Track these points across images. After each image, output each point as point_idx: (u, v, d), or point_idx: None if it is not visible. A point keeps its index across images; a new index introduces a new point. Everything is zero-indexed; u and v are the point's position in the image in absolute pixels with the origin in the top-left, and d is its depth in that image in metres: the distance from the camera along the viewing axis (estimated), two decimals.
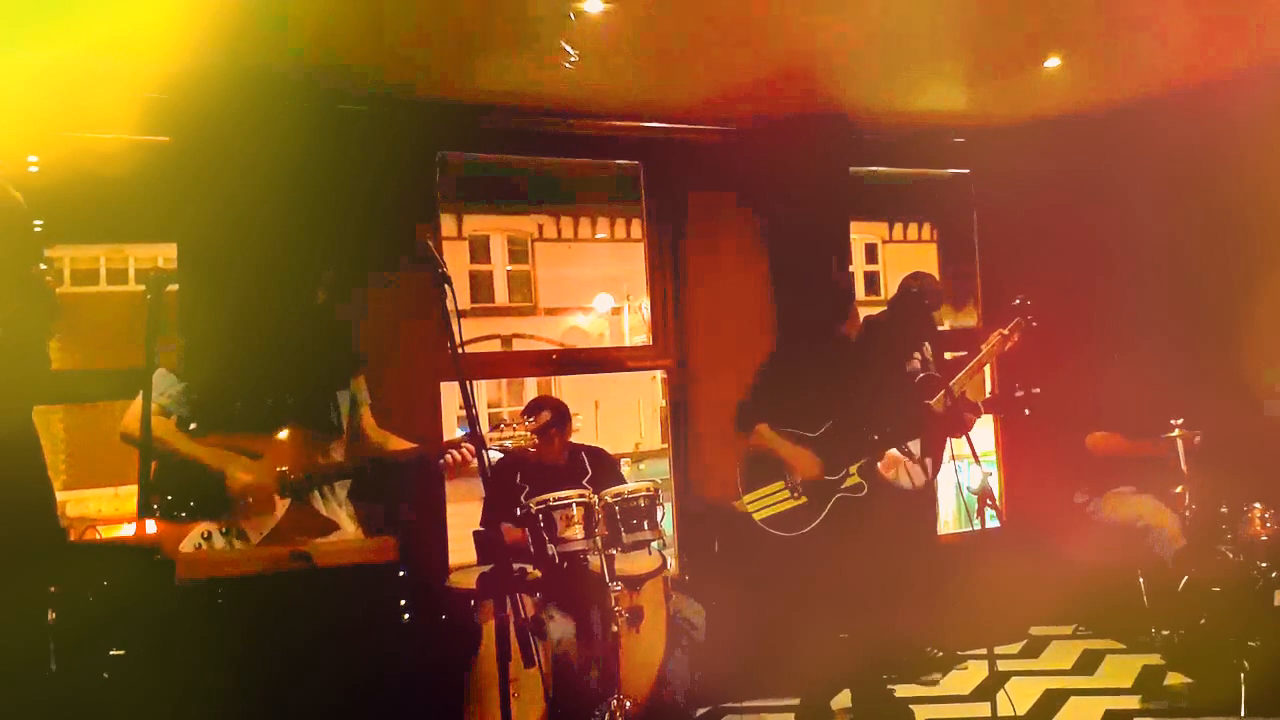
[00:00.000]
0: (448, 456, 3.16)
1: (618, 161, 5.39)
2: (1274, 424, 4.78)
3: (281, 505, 3.06)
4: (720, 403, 5.18)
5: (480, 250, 21.81)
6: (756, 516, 4.16)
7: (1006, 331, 4.55)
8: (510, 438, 3.23)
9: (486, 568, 3.82)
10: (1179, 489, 4.72)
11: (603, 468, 4.43)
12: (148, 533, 2.93)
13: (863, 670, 4.20)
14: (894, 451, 4.41)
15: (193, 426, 3.11)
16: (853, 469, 4.13)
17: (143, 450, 2.66)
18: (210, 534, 3.01)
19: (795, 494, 4.13)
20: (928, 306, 4.67)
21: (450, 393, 4.18)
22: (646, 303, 5.46)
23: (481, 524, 4.21)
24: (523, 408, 4.48)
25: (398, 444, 3.43)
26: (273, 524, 3.05)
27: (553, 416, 4.31)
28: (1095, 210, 5.60)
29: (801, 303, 5.11)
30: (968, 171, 6.08)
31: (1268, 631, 3.84)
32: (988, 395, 5.61)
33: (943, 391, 4.26)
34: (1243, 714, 3.81)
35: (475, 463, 2.94)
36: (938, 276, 5.50)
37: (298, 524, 3.08)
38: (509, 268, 22.30)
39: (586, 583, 3.78)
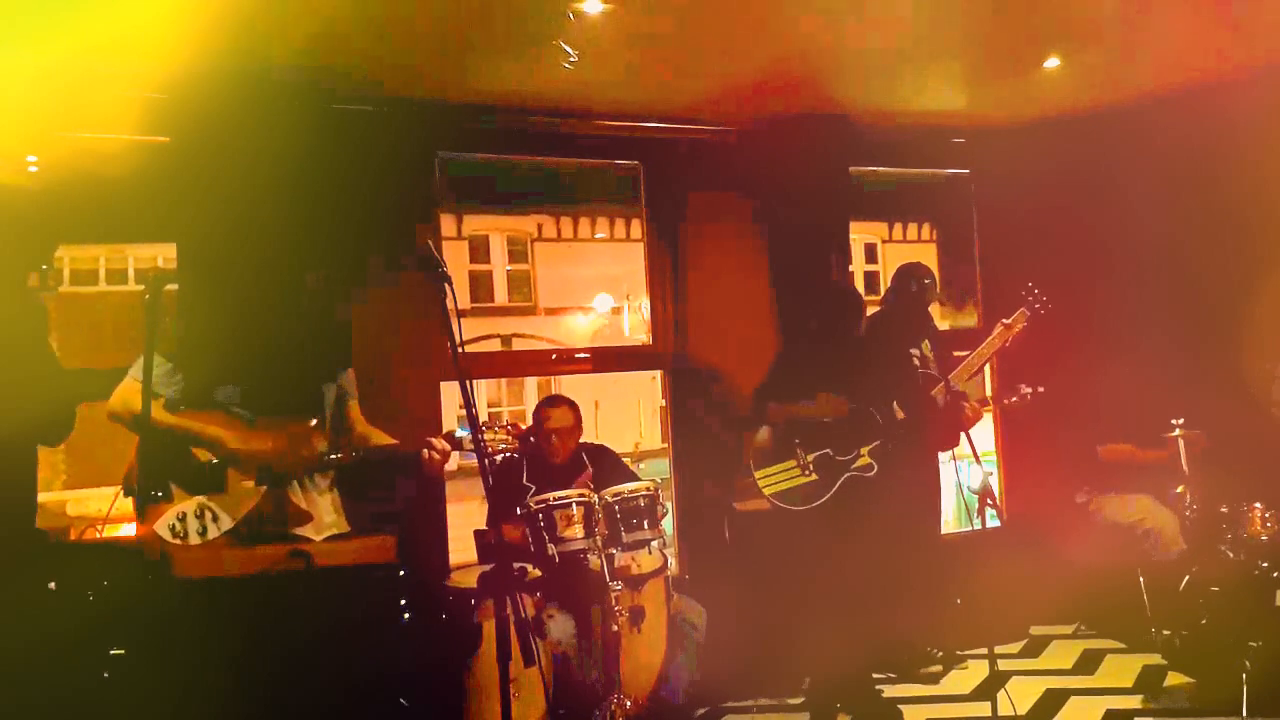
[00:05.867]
0: (424, 453, 3.17)
1: (617, 162, 5.39)
2: (1274, 424, 4.77)
3: (257, 492, 3.06)
4: (721, 401, 5.19)
5: (480, 250, 21.80)
6: (767, 491, 4.33)
7: (1009, 321, 4.57)
8: (490, 441, 3.24)
9: (486, 567, 3.83)
10: (1179, 489, 4.72)
11: (604, 465, 4.42)
12: (141, 524, 2.92)
13: (851, 669, 4.22)
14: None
15: (180, 409, 3.10)
16: (864, 450, 4.30)
17: (142, 441, 2.66)
18: (184, 515, 3.00)
19: (806, 471, 4.31)
20: (925, 301, 4.72)
21: (450, 392, 4.17)
22: (646, 303, 5.46)
23: (488, 524, 4.22)
24: (539, 402, 4.50)
25: (382, 439, 3.42)
26: (246, 510, 3.04)
27: (573, 416, 4.36)
28: (1095, 210, 5.60)
29: (802, 302, 5.12)
30: (968, 172, 6.08)
31: (1269, 631, 3.83)
32: (989, 393, 5.61)
33: (942, 384, 4.32)
34: (1244, 714, 3.81)
35: (454, 461, 2.94)
36: (938, 276, 5.51)
37: (272, 512, 3.07)
38: (509, 268, 22.29)
39: (587, 582, 3.77)
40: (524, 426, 3.49)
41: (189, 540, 2.97)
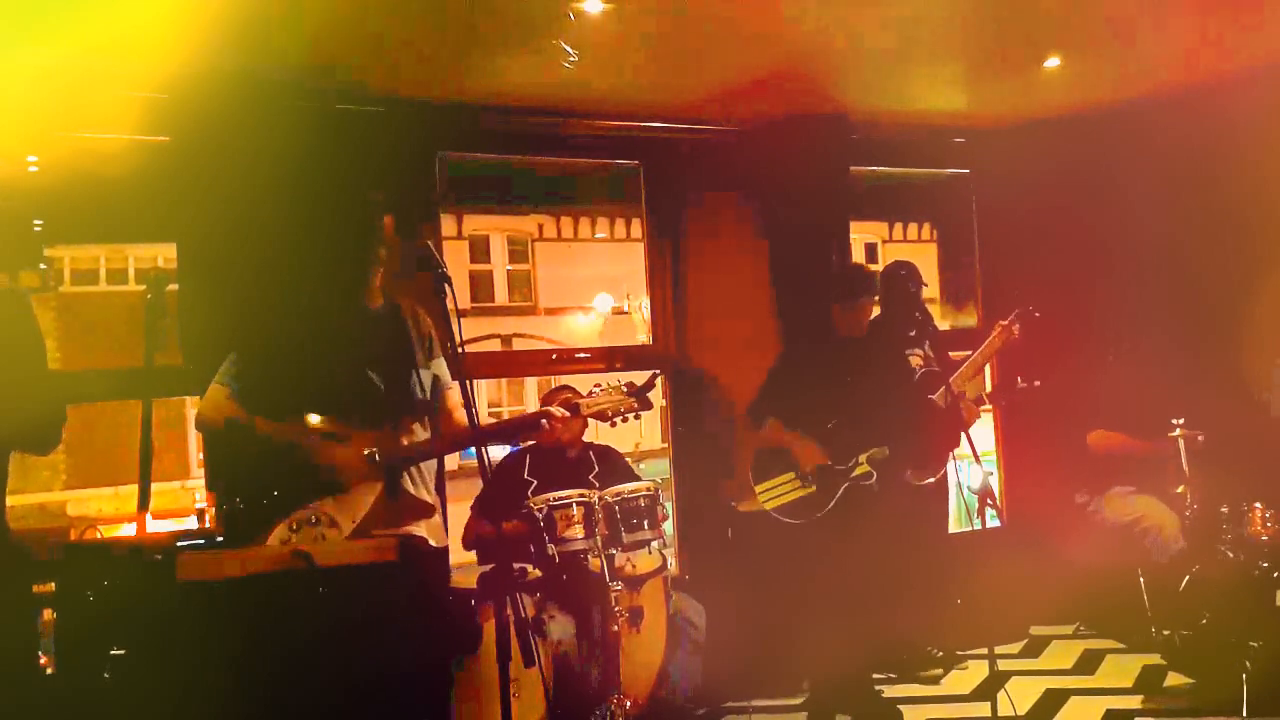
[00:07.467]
0: (544, 423, 3.06)
1: (618, 161, 5.39)
2: (1274, 424, 4.78)
3: (373, 490, 2.94)
4: (721, 401, 5.19)
5: (480, 250, 21.83)
6: (768, 506, 4.28)
7: (1007, 322, 4.59)
8: (609, 404, 3.10)
9: (486, 568, 3.83)
10: (1180, 489, 4.73)
11: (610, 466, 4.41)
12: (148, 532, 2.91)
13: (852, 670, 4.22)
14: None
15: (251, 404, 2.95)
16: (862, 458, 4.22)
17: (143, 450, 2.66)
18: (299, 525, 2.88)
19: (806, 483, 4.25)
20: (922, 300, 4.71)
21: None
22: (646, 303, 5.46)
23: (477, 515, 4.22)
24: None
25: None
26: (365, 510, 2.91)
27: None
28: (1095, 210, 5.60)
29: (802, 302, 5.12)
30: (968, 171, 6.08)
31: (1269, 631, 3.84)
32: (988, 390, 5.61)
33: (943, 387, 4.31)
34: (1244, 714, 3.81)
35: (455, 461, 2.79)
36: (937, 275, 5.52)
37: (393, 508, 2.93)
38: (509, 268, 22.32)
39: (587, 582, 3.77)
40: (638, 384, 3.17)
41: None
